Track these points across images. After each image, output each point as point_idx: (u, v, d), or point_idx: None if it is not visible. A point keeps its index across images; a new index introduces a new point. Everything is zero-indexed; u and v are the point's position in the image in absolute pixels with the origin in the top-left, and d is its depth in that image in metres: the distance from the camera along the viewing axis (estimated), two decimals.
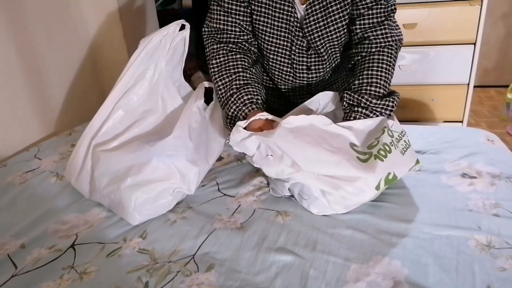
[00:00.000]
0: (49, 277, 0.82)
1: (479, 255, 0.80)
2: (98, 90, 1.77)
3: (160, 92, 1.12)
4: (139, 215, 0.95)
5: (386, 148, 0.95)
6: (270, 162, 0.94)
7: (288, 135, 0.94)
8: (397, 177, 0.95)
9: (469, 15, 1.97)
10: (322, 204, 0.94)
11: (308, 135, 0.95)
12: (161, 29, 1.08)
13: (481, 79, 3.01)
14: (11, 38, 1.34)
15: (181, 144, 1.01)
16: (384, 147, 0.95)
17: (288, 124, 0.95)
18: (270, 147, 0.94)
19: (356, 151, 0.95)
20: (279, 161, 0.93)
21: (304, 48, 1.17)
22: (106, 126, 1.04)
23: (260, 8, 1.13)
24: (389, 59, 1.09)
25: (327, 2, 1.10)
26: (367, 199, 0.94)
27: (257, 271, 0.80)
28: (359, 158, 0.93)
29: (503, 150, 1.17)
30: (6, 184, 1.15)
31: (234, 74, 1.11)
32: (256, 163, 0.97)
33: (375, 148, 0.95)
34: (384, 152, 0.94)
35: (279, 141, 0.93)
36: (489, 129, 2.21)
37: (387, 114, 1.05)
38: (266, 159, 0.94)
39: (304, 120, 0.97)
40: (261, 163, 0.95)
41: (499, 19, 2.89)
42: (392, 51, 1.10)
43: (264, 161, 0.95)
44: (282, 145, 0.92)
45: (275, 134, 0.93)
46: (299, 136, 0.94)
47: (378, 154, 0.94)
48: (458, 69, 2.08)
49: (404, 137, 1.02)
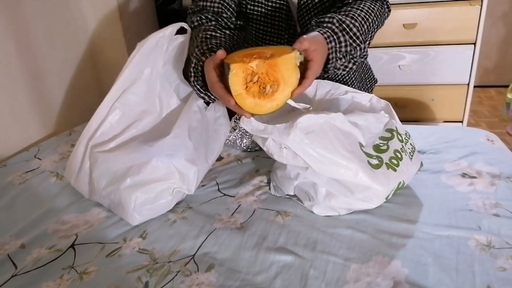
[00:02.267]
0: (49, 277, 0.82)
1: (479, 255, 0.80)
2: (98, 90, 1.77)
3: (157, 92, 1.11)
4: (139, 215, 0.95)
5: (397, 156, 0.93)
6: (283, 153, 0.90)
7: (304, 140, 0.88)
8: (405, 183, 0.95)
9: (469, 15, 1.97)
10: (326, 206, 0.93)
11: (325, 137, 0.89)
12: (157, 31, 1.09)
13: (481, 79, 3.01)
14: (11, 38, 1.34)
15: (180, 143, 1.01)
16: (396, 154, 0.94)
17: (303, 123, 0.88)
18: (285, 144, 0.89)
19: (365, 153, 0.92)
20: (292, 157, 0.89)
21: (297, 36, 1.18)
22: (104, 127, 1.04)
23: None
24: (372, 7, 1.04)
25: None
26: (373, 207, 0.93)
27: (257, 271, 0.80)
28: (369, 163, 0.90)
29: (503, 150, 1.17)
30: (6, 184, 1.15)
31: (203, 31, 1.05)
32: (268, 149, 0.92)
33: (385, 154, 0.93)
34: (396, 161, 0.93)
35: (294, 145, 0.87)
36: (489, 129, 2.20)
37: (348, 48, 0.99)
38: (280, 150, 0.90)
39: (320, 118, 0.90)
40: (273, 151, 0.91)
41: (499, 19, 2.89)
42: (376, 4, 1.06)
43: (276, 149, 0.90)
44: (297, 149, 0.88)
45: (290, 137, 0.87)
46: (315, 140, 0.88)
47: (390, 163, 0.92)
48: (458, 69, 2.09)
49: (410, 139, 1.01)
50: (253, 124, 0.90)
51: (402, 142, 0.97)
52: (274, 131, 0.88)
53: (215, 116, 1.13)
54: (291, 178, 0.96)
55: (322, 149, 0.88)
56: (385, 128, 0.99)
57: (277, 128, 0.88)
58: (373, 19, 1.05)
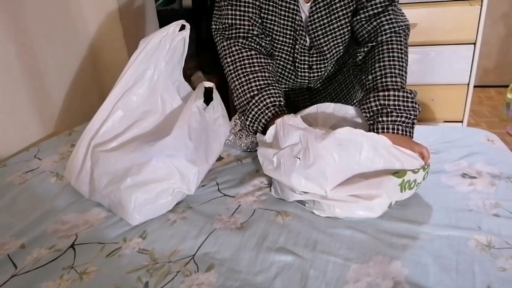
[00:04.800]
0: (49, 277, 0.81)
1: (479, 255, 0.80)
2: (98, 90, 1.77)
3: (159, 92, 1.11)
4: (139, 215, 0.95)
5: (410, 185, 0.93)
6: (296, 164, 0.89)
7: (334, 149, 0.87)
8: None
9: (469, 15, 1.97)
10: (329, 211, 0.93)
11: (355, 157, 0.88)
12: (160, 30, 1.08)
13: (481, 79, 3.01)
14: (11, 38, 1.34)
15: (180, 144, 1.01)
16: (412, 183, 0.93)
17: (341, 134, 0.88)
18: (307, 151, 0.88)
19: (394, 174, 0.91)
20: (303, 168, 0.89)
21: (307, 48, 1.18)
22: (106, 126, 1.04)
23: (267, 6, 1.12)
24: (399, 46, 1.07)
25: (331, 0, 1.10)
26: (375, 216, 0.92)
27: (257, 271, 0.80)
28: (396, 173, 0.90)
29: (503, 150, 1.17)
30: (6, 184, 1.15)
31: (252, 73, 1.07)
32: (278, 158, 0.92)
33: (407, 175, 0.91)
34: (408, 184, 0.92)
35: (321, 150, 0.87)
36: (489, 129, 2.20)
37: (413, 115, 1.02)
38: (294, 159, 0.89)
39: (360, 135, 0.89)
40: (284, 160, 0.91)
41: (499, 19, 2.89)
42: (400, 37, 1.09)
43: (289, 159, 0.90)
44: (321, 154, 0.87)
45: (324, 142, 0.86)
46: (344, 155, 0.88)
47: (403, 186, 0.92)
48: (458, 69, 2.09)
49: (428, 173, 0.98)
50: (297, 119, 0.91)
51: (424, 178, 0.96)
52: (311, 132, 0.90)
53: (214, 116, 1.13)
54: (291, 190, 0.96)
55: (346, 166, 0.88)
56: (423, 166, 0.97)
57: (314, 131, 0.90)
58: (405, 60, 1.08)
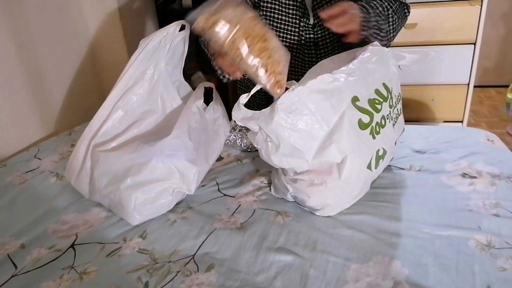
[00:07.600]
0: (49, 277, 0.81)
1: (479, 255, 0.80)
2: (98, 90, 1.77)
3: (159, 92, 1.11)
4: (139, 215, 0.95)
5: (381, 123, 0.91)
6: (269, 147, 0.90)
7: (288, 120, 0.86)
8: (386, 151, 0.94)
9: (469, 15, 1.97)
10: (320, 203, 0.93)
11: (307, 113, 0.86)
12: (161, 30, 1.08)
13: (481, 79, 3.01)
14: (11, 38, 1.34)
15: (180, 144, 1.01)
16: (381, 120, 0.91)
17: (284, 103, 0.86)
18: (269, 136, 0.89)
19: (358, 108, 0.88)
20: (275, 149, 0.89)
21: (310, 25, 1.18)
22: (106, 126, 1.04)
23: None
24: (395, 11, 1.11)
25: None
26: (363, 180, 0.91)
27: (257, 271, 0.80)
28: (361, 121, 0.87)
29: (503, 150, 1.17)
30: (6, 184, 1.15)
31: None
32: (257, 144, 0.92)
33: (377, 115, 0.89)
34: (378, 128, 0.91)
35: (278, 128, 0.86)
36: (489, 129, 2.21)
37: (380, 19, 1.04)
38: (266, 142, 0.90)
39: (301, 92, 0.86)
40: (261, 146, 0.91)
41: (499, 19, 2.89)
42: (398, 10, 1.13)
43: (264, 144, 0.91)
44: (279, 134, 0.86)
45: (273, 122, 0.85)
46: (299, 119, 0.86)
47: (376, 126, 0.90)
48: (458, 69, 2.08)
49: (399, 102, 0.97)
50: (242, 111, 0.89)
51: (391, 107, 0.95)
52: (260, 116, 0.88)
53: (214, 116, 1.13)
54: (286, 187, 0.96)
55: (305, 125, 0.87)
56: (382, 82, 0.95)
57: (262, 113, 0.88)
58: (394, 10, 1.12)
